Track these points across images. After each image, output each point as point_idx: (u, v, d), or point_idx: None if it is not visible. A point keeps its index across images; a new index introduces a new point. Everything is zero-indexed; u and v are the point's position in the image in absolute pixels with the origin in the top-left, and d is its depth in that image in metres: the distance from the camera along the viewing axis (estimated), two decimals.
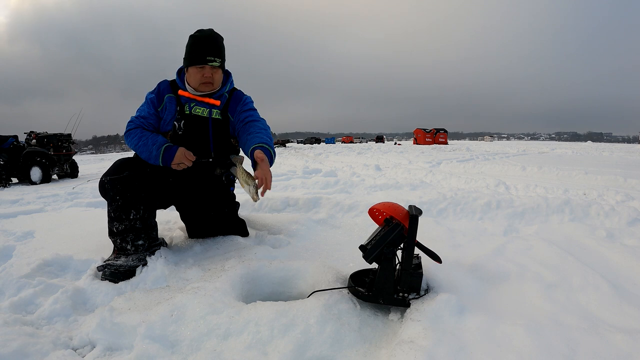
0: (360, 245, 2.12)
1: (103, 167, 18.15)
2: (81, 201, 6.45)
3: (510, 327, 1.77)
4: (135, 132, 2.96)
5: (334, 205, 4.47)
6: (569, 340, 1.70)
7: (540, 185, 7.43)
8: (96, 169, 17.19)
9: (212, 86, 3.06)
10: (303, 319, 1.87)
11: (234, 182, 3.32)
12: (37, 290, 2.43)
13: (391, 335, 1.91)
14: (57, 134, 13.90)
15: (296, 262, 2.58)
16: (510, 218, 4.16)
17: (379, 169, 11.53)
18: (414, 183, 7.29)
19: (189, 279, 2.55)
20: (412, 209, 2.09)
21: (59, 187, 9.45)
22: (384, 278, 2.06)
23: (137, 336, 1.86)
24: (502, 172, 11.11)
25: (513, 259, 2.59)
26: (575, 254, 2.67)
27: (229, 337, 1.84)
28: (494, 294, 2.19)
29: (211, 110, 3.08)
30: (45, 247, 3.21)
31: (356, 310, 2.04)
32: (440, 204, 4.51)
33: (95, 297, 2.42)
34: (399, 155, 19.67)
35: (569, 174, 9.74)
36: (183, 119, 3.03)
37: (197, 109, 3.07)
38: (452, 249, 2.97)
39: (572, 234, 3.27)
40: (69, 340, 1.99)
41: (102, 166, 19.51)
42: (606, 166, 12.51)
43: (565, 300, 2.08)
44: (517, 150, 25.22)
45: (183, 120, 3.02)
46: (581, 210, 4.26)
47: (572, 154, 20.54)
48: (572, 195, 6.37)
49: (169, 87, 3.12)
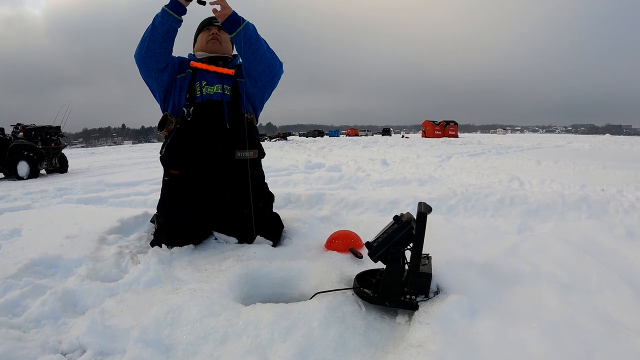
0: (367, 242, 2.12)
1: (94, 162, 18.19)
2: (71, 197, 6.47)
3: (524, 330, 1.77)
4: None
5: (338, 201, 4.47)
6: (586, 344, 1.69)
7: (555, 181, 7.41)
8: (87, 164, 17.22)
9: (219, 45, 3.21)
10: (305, 321, 1.87)
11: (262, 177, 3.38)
12: (24, 292, 2.43)
13: (398, 339, 1.91)
14: (45, 127, 13.87)
15: (298, 262, 2.58)
16: (524, 215, 4.15)
17: (386, 164, 11.50)
18: (422, 178, 7.28)
19: (184, 280, 2.55)
20: (420, 206, 2.09)
21: (48, 183, 9.46)
22: (391, 279, 2.06)
23: (129, 340, 1.86)
24: (515, 166, 11.07)
25: (527, 259, 2.59)
26: (592, 254, 2.67)
27: (227, 341, 1.84)
28: (507, 295, 2.19)
29: (223, 86, 3.14)
30: (33, 246, 3.21)
31: (361, 312, 2.04)
32: (450, 200, 4.50)
33: (86, 299, 2.42)
34: (407, 149, 19.62)
35: (586, 168, 9.71)
36: (192, 105, 3.07)
37: (209, 88, 3.11)
38: (463, 248, 2.96)
39: (590, 232, 3.26)
40: (58, 344, 1.99)
41: (93, 160, 19.54)
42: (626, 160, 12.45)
43: (582, 302, 2.08)
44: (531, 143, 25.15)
45: (192, 107, 3.06)
46: (599, 207, 4.24)
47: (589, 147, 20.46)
48: (589, 191, 6.35)
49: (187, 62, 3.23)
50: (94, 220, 3.90)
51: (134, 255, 3.09)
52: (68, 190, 7.49)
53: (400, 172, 9.11)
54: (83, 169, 14.60)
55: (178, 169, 3.14)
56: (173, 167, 3.16)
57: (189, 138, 3.06)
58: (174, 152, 3.11)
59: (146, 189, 7.05)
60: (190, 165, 3.09)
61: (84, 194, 6.90)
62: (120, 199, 6.03)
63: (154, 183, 7.78)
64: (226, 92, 3.15)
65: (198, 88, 3.11)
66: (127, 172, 11.42)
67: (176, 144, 3.10)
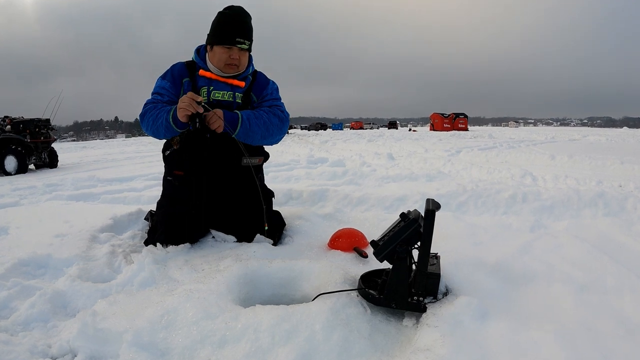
0: (372, 241, 2.12)
1: (85, 156, 18.20)
2: (61, 194, 6.47)
3: (538, 333, 1.77)
4: (150, 111, 3.03)
5: (341, 198, 4.47)
6: (603, 348, 1.69)
7: (570, 176, 7.40)
8: (77, 158, 17.23)
9: (237, 69, 3.18)
10: (307, 324, 1.87)
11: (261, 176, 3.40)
12: (11, 293, 2.44)
13: (405, 342, 1.91)
14: (34, 119, 13.85)
15: (300, 262, 2.58)
16: (538, 212, 4.15)
17: (392, 158, 11.49)
18: (430, 174, 7.28)
19: (180, 280, 2.55)
20: (429, 203, 2.08)
21: (37, 178, 9.47)
22: (397, 279, 2.05)
23: (123, 344, 1.86)
24: (528, 161, 11.07)
25: (541, 258, 2.58)
26: (609, 253, 2.66)
27: (225, 344, 1.84)
28: (520, 296, 2.18)
29: (234, 94, 3.16)
30: (21, 245, 3.21)
31: (366, 315, 2.03)
32: (459, 196, 4.50)
33: (77, 301, 2.43)
34: (414, 143, 19.61)
35: (602, 163, 9.69)
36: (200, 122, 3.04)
37: (217, 93, 3.13)
38: (473, 246, 2.96)
39: (607, 230, 3.26)
40: (48, 348, 1.99)
41: (84, 154, 19.55)
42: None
43: (599, 303, 2.07)
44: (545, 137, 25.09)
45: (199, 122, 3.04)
46: (616, 203, 4.24)
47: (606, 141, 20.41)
48: (606, 187, 6.34)
49: (185, 69, 3.21)
50: (85, 217, 3.89)
51: (127, 254, 3.09)
52: (58, 186, 7.49)
53: (407, 167, 9.11)
54: (74, 163, 14.62)
55: (183, 170, 3.17)
56: (177, 168, 3.19)
57: (196, 140, 3.07)
58: (179, 153, 3.14)
59: (140, 185, 7.06)
60: (196, 168, 3.11)
61: (74, 190, 6.90)
62: (112, 195, 6.03)
63: (149, 179, 7.79)
64: (237, 99, 3.17)
65: (205, 93, 3.11)
66: (120, 167, 11.45)
67: (183, 146, 3.13)
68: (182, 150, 3.13)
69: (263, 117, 3.07)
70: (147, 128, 3.05)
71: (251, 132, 2.99)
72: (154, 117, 2.98)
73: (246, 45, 3.11)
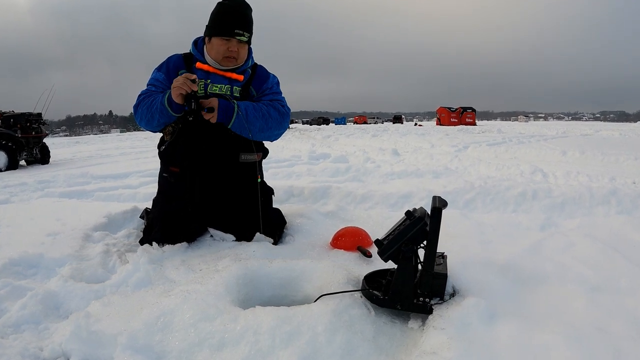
0: (376, 240, 2.12)
1: (78, 152, 18.20)
2: (53, 191, 6.47)
3: (548, 335, 1.77)
4: (145, 100, 3.07)
5: (344, 195, 4.47)
6: (616, 350, 1.69)
7: (582, 173, 7.39)
8: (70, 154, 17.23)
9: (235, 62, 3.17)
10: (309, 326, 1.87)
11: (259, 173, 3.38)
12: (2, 294, 2.44)
13: (411, 345, 1.91)
14: (25, 114, 13.82)
15: (301, 262, 2.58)
16: (549, 210, 4.15)
17: (397, 154, 11.48)
18: (437, 170, 7.28)
19: (177, 281, 2.55)
20: (435, 200, 2.08)
21: (28, 175, 9.46)
22: (402, 280, 2.05)
23: (117, 347, 1.86)
24: (538, 157, 11.05)
25: (551, 258, 2.58)
26: (623, 252, 2.66)
27: (224, 347, 1.84)
28: (530, 297, 2.18)
29: (232, 87, 3.17)
30: (12, 244, 3.21)
31: (370, 316, 2.04)
32: (467, 194, 4.49)
33: (70, 302, 2.43)
34: (420, 138, 19.59)
35: (616, 159, 9.68)
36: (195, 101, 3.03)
37: (214, 87, 3.14)
38: (481, 245, 2.96)
39: (620, 228, 3.25)
40: (39, 351, 1.99)
41: (77, 150, 19.55)
42: None
43: (612, 304, 2.07)
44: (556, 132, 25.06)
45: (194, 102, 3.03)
46: (630, 201, 4.23)
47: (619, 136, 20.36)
48: (619, 184, 6.33)
49: (182, 61, 3.22)
50: (78, 215, 3.90)
51: (122, 254, 3.09)
52: (50, 183, 7.49)
53: (412, 163, 9.11)
54: (66, 159, 14.62)
55: (179, 166, 3.17)
56: (173, 164, 3.19)
57: (193, 135, 3.07)
58: (175, 149, 3.13)
59: (135, 182, 7.06)
60: (192, 165, 3.11)
61: (67, 187, 6.90)
62: (107, 192, 6.03)
63: (144, 175, 7.79)
64: (235, 93, 3.17)
65: (202, 86, 3.10)
66: (115, 163, 11.45)
67: (178, 141, 3.12)
68: (175, 142, 3.12)
69: (262, 109, 3.08)
70: (142, 117, 3.06)
71: (248, 124, 3.00)
72: (149, 104, 3.00)
73: (245, 37, 3.10)
